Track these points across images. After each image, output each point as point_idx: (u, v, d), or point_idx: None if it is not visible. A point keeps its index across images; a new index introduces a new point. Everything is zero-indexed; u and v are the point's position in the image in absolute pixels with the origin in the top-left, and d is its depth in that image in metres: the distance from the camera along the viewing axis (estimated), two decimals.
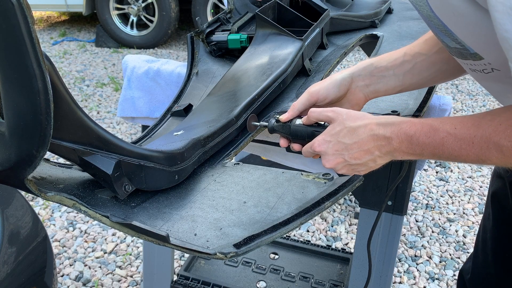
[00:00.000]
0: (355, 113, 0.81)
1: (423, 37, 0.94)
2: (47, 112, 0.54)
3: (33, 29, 0.51)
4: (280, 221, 0.66)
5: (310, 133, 0.86)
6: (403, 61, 0.92)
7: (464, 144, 0.69)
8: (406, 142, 0.74)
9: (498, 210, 0.97)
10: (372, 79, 0.93)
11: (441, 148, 0.71)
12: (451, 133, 0.70)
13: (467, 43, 0.68)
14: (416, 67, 0.91)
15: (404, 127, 0.75)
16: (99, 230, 2.40)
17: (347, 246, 2.31)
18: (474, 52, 0.69)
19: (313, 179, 0.77)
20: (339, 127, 0.80)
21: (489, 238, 0.99)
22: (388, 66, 0.92)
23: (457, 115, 3.79)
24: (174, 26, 5.46)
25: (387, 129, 0.76)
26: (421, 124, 0.74)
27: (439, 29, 0.70)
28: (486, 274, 1.00)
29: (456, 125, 0.70)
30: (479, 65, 0.72)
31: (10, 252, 1.08)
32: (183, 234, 0.66)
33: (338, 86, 0.91)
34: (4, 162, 0.59)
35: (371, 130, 0.77)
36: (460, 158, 0.71)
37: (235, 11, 1.49)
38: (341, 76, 0.92)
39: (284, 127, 0.89)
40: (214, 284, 1.64)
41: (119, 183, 0.69)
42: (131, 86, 1.35)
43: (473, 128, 0.69)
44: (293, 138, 0.88)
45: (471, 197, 2.76)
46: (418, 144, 0.73)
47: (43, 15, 7.18)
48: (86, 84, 4.42)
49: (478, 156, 0.69)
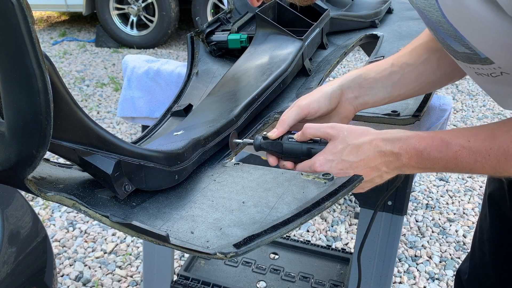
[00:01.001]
0: (356, 128, 0.78)
1: (408, 47, 0.93)
2: (47, 112, 0.54)
3: (33, 29, 0.51)
4: (280, 221, 0.66)
5: (305, 150, 0.81)
6: (391, 72, 0.90)
7: (480, 157, 0.67)
8: (415, 157, 0.73)
9: (495, 210, 0.97)
10: (361, 90, 0.91)
11: (454, 162, 0.70)
12: (465, 146, 0.69)
13: (479, 48, 0.67)
14: (404, 78, 0.90)
15: (413, 142, 0.73)
16: (99, 230, 2.40)
17: (347, 246, 2.31)
18: (485, 57, 0.68)
19: (313, 179, 0.77)
20: (341, 145, 0.77)
21: (486, 239, 0.99)
22: (376, 78, 0.91)
23: (457, 115, 3.79)
24: (174, 26, 5.46)
25: (395, 145, 0.74)
26: (431, 138, 0.72)
27: (448, 34, 0.69)
28: (484, 274, 1.00)
29: (469, 138, 0.69)
30: (488, 69, 0.71)
31: (10, 252, 1.08)
32: (183, 234, 0.66)
33: (329, 99, 0.89)
34: (4, 162, 0.59)
35: (377, 147, 0.75)
36: (474, 171, 0.70)
37: (235, 11, 1.49)
38: (331, 89, 0.90)
39: (274, 145, 0.83)
40: (214, 284, 1.64)
41: (119, 183, 0.69)
42: (131, 86, 1.35)
43: (488, 140, 0.67)
44: (285, 156, 0.83)
45: (471, 197, 2.76)
46: (429, 159, 0.72)
47: (43, 15, 7.18)
48: (86, 84, 4.42)
49: (495, 169, 0.67)
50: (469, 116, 3.79)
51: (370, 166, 0.76)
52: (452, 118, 3.75)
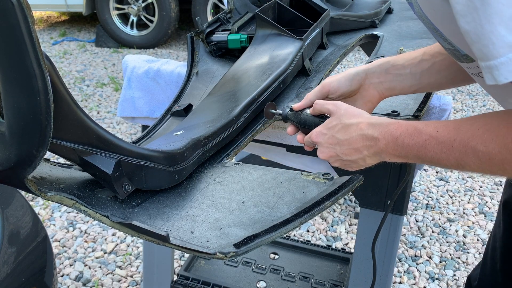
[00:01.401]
0: (353, 109, 0.82)
1: None
2: (47, 112, 0.54)
3: (33, 29, 0.51)
4: (280, 221, 0.66)
5: (317, 122, 0.87)
6: (422, 60, 0.90)
7: (445, 148, 0.69)
8: (392, 143, 0.74)
9: (509, 218, 0.96)
10: (388, 76, 0.91)
11: (424, 151, 0.71)
12: (433, 136, 0.70)
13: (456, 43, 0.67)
14: (434, 66, 0.89)
15: (391, 128, 0.75)
16: (99, 230, 2.40)
17: (347, 246, 2.31)
18: (464, 54, 0.68)
19: (313, 179, 0.77)
20: (335, 122, 0.81)
21: (498, 246, 0.98)
22: (405, 65, 0.91)
23: (457, 115, 3.80)
24: (174, 26, 5.46)
25: (376, 130, 0.76)
26: (407, 125, 0.74)
27: (431, 28, 0.69)
28: (494, 282, 0.99)
29: (438, 128, 0.70)
30: (473, 68, 0.70)
31: (10, 252, 1.08)
32: (183, 234, 0.66)
33: (350, 80, 0.92)
34: (4, 162, 0.59)
35: (361, 130, 0.78)
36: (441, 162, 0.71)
37: (235, 11, 1.49)
38: (355, 71, 0.92)
39: (295, 116, 0.91)
40: (214, 284, 1.64)
41: (119, 183, 0.70)
42: (131, 86, 1.35)
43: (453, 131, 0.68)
44: (302, 127, 0.90)
45: (471, 197, 2.76)
46: (403, 146, 0.73)
47: (43, 15, 7.18)
48: (86, 84, 4.42)
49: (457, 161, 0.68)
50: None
51: (353, 147, 0.79)
52: (452, 118, 3.74)
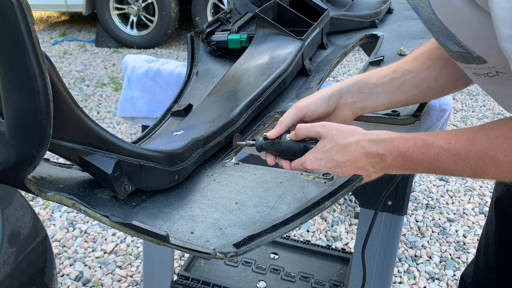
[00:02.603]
0: (345, 128, 0.80)
1: (413, 54, 0.93)
2: (47, 112, 0.54)
3: (33, 29, 0.51)
4: (280, 221, 0.66)
5: (302, 148, 0.83)
6: (392, 78, 0.91)
7: (459, 159, 0.68)
8: (399, 158, 0.74)
9: (501, 215, 0.97)
10: (361, 95, 0.92)
11: (436, 164, 0.71)
12: (445, 148, 0.70)
13: (470, 46, 0.67)
14: (405, 84, 0.91)
15: (397, 144, 0.74)
16: (99, 230, 2.40)
17: (347, 246, 2.31)
18: (477, 56, 0.68)
19: (313, 179, 0.77)
20: (330, 144, 0.79)
21: (491, 243, 0.99)
22: (376, 83, 0.91)
23: (457, 115, 3.79)
24: (174, 26, 5.46)
25: (380, 147, 0.75)
26: (414, 140, 0.73)
27: (441, 32, 0.69)
28: (487, 279, 1.00)
29: (450, 140, 0.70)
30: (483, 69, 0.71)
31: (10, 252, 1.08)
32: (183, 233, 0.66)
33: (327, 102, 0.90)
34: (4, 162, 0.59)
35: (363, 148, 0.77)
36: (455, 173, 0.71)
37: (235, 11, 1.49)
38: (330, 92, 0.91)
39: (274, 145, 0.86)
40: (214, 284, 1.64)
41: (119, 182, 0.69)
42: (131, 86, 1.35)
43: (467, 142, 0.68)
44: (284, 155, 0.86)
45: (471, 197, 2.76)
46: (412, 160, 0.73)
47: (43, 15, 7.18)
48: (86, 84, 4.42)
49: (474, 171, 0.68)
50: (469, 116, 3.79)
51: (357, 166, 0.78)
52: (452, 118, 3.74)
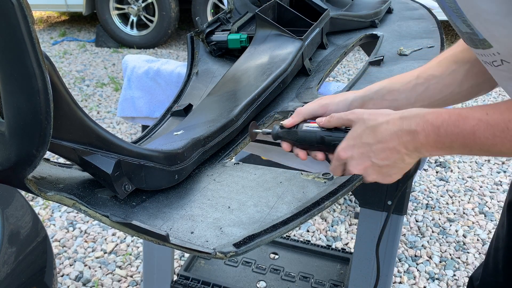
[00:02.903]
0: (376, 111, 0.77)
1: (437, 58, 0.91)
2: (47, 111, 0.54)
3: (33, 29, 0.51)
4: (280, 221, 0.66)
5: (319, 138, 0.82)
6: (416, 84, 0.89)
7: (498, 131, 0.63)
8: (433, 134, 0.69)
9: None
10: (384, 103, 0.89)
11: (472, 138, 0.66)
12: (483, 120, 0.64)
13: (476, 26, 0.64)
14: (428, 90, 0.88)
15: (430, 118, 0.70)
16: (99, 230, 2.40)
17: (347, 246, 2.31)
18: (483, 38, 0.65)
19: (313, 179, 0.77)
20: (360, 128, 0.76)
21: (501, 246, 0.98)
22: (400, 90, 0.89)
23: None
24: (174, 26, 5.46)
25: (411, 122, 0.71)
26: (448, 113, 0.69)
27: (452, 8, 0.66)
28: (495, 282, 0.99)
29: (488, 111, 0.65)
30: (489, 56, 0.68)
31: (10, 252, 1.08)
32: (183, 233, 0.66)
33: (348, 106, 0.88)
34: (4, 162, 0.59)
35: (394, 125, 0.73)
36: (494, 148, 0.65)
37: (235, 11, 1.49)
38: (353, 97, 0.89)
39: (290, 133, 0.86)
40: (214, 284, 1.64)
41: (119, 182, 0.70)
42: (131, 86, 1.35)
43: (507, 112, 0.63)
44: (300, 144, 0.85)
45: (471, 197, 2.76)
46: (446, 135, 0.68)
47: (43, 15, 7.18)
48: (86, 84, 4.42)
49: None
50: None
51: (389, 147, 0.73)
52: None
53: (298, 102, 1.09)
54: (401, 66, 1.20)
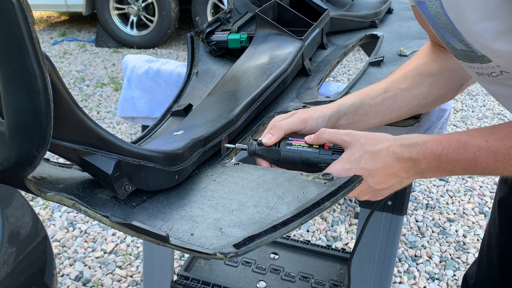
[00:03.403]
0: (372, 135, 0.78)
1: (401, 70, 0.94)
2: (47, 112, 0.54)
3: (33, 29, 0.51)
4: (280, 222, 0.66)
5: (304, 159, 0.81)
6: (384, 98, 0.92)
7: (500, 157, 0.65)
8: (434, 161, 0.71)
9: (504, 216, 0.96)
10: (355, 117, 0.92)
11: (474, 164, 0.68)
12: (483, 147, 0.67)
13: (475, 45, 0.66)
14: (396, 103, 0.92)
15: (430, 146, 0.72)
16: (99, 230, 2.40)
17: (347, 246, 2.31)
18: (481, 55, 0.67)
19: (313, 180, 0.77)
20: (358, 153, 0.76)
21: (494, 244, 0.98)
22: (371, 104, 0.92)
23: (457, 115, 3.79)
24: (174, 26, 5.46)
25: (412, 151, 0.73)
26: (448, 140, 0.71)
27: (446, 28, 0.68)
28: (491, 279, 1.00)
29: (487, 137, 0.67)
30: (487, 68, 0.70)
31: (10, 252, 1.08)
32: (183, 234, 0.66)
33: (326, 122, 0.90)
34: (4, 162, 0.59)
35: (394, 153, 0.74)
36: (496, 172, 0.67)
37: (235, 11, 1.49)
38: (330, 112, 0.90)
39: (271, 152, 0.83)
40: (214, 284, 1.64)
41: (119, 183, 0.69)
42: (131, 86, 1.35)
43: (507, 138, 0.65)
44: (281, 164, 0.83)
45: (471, 197, 2.76)
46: (448, 162, 0.70)
47: (43, 15, 7.18)
48: (86, 84, 4.42)
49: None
50: (469, 116, 3.79)
51: (390, 173, 0.75)
52: (452, 118, 3.74)
53: (298, 103, 1.09)
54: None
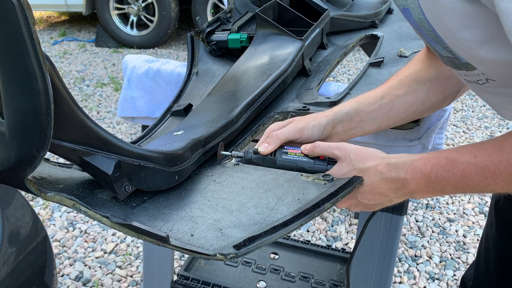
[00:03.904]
0: (363, 151, 0.78)
1: (398, 76, 0.94)
2: (47, 112, 0.54)
3: (34, 29, 0.51)
4: (280, 222, 0.66)
5: (300, 168, 0.82)
6: (381, 105, 0.91)
7: (490, 173, 0.63)
8: (423, 181, 0.70)
9: (501, 219, 0.96)
10: (351, 124, 0.92)
11: (464, 181, 0.66)
12: (472, 163, 0.65)
13: (458, 52, 0.65)
14: (393, 110, 0.91)
15: (418, 165, 0.71)
16: (99, 230, 2.40)
17: (347, 246, 2.31)
18: (466, 62, 0.66)
19: (313, 180, 0.77)
20: (346, 168, 0.77)
21: (491, 246, 0.98)
22: (367, 111, 0.92)
23: (457, 115, 3.79)
24: (174, 26, 5.46)
25: (400, 171, 0.72)
26: (436, 158, 0.69)
27: (430, 36, 0.68)
28: (488, 282, 0.99)
29: (476, 153, 0.65)
30: (473, 76, 0.69)
31: (10, 252, 1.08)
32: (183, 234, 0.66)
33: (322, 130, 0.90)
34: (4, 162, 0.59)
35: (381, 173, 0.74)
36: (487, 189, 0.66)
37: (235, 10, 1.49)
38: (326, 121, 0.91)
39: (267, 161, 0.84)
40: (214, 284, 1.64)
41: (119, 183, 0.69)
42: (131, 86, 1.35)
43: (496, 153, 0.63)
44: None
45: (471, 197, 2.76)
46: (437, 180, 0.69)
47: (43, 15, 7.18)
48: (86, 84, 4.42)
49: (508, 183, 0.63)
50: (469, 116, 3.79)
51: (377, 192, 0.75)
52: (452, 118, 3.74)
53: (298, 103, 1.09)
54: (401, 67, 1.20)
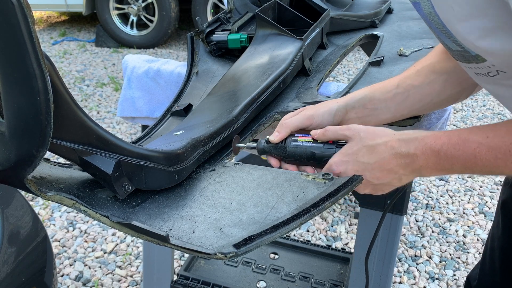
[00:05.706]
0: (373, 129, 0.77)
1: (415, 67, 0.93)
2: (47, 112, 0.54)
3: (33, 29, 0.51)
4: (280, 221, 0.66)
5: (309, 154, 0.82)
6: (396, 93, 0.90)
7: (500, 154, 0.64)
8: (433, 157, 0.70)
9: (507, 219, 0.96)
10: (365, 111, 0.91)
11: (473, 160, 0.66)
12: (483, 143, 0.65)
13: (466, 45, 0.65)
14: (408, 99, 0.90)
15: (429, 142, 0.70)
16: (99, 230, 2.40)
17: (347, 246, 2.31)
18: (475, 54, 0.66)
19: (313, 179, 0.77)
20: (356, 146, 0.76)
21: (497, 246, 0.98)
22: (381, 99, 0.91)
23: (457, 115, 3.79)
24: (174, 26, 5.46)
25: (410, 146, 0.72)
26: (448, 136, 0.69)
27: (440, 29, 0.68)
28: (493, 282, 0.99)
29: (488, 134, 0.65)
30: (483, 68, 0.69)
31: (10, 252, 1.08)
32: (183, 234, 0.66)
33: (333, 116, 0.89)
34: (4, 162, 0.59)
35: (392, 148, 0.73)
36: (496, 170, 0.66)
37: (235, 10, 1.49)
38: (337, 106, 0.90)
39: (278, 149, 0.85)
40: (214, 284, 1.64)
41: (119, 183, 0.69)
42: (131, 86, 1.35)
43: (508, 135, 0.63)
44: (289, 159, 0.85)
45: (471, 197, 2.76)
46: (446, 158, 0.68)
47: (43, 15, 7.18)
48: (86, 84, 4.42)
49: None
50: (469, 116, 3.79)
51: (386, 168, 0.74)
52: (452, 118, 3.74)
53: (298, 103, 1.09)
54: (401, 66, 1.20)
